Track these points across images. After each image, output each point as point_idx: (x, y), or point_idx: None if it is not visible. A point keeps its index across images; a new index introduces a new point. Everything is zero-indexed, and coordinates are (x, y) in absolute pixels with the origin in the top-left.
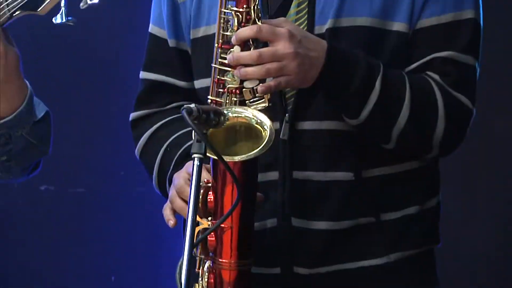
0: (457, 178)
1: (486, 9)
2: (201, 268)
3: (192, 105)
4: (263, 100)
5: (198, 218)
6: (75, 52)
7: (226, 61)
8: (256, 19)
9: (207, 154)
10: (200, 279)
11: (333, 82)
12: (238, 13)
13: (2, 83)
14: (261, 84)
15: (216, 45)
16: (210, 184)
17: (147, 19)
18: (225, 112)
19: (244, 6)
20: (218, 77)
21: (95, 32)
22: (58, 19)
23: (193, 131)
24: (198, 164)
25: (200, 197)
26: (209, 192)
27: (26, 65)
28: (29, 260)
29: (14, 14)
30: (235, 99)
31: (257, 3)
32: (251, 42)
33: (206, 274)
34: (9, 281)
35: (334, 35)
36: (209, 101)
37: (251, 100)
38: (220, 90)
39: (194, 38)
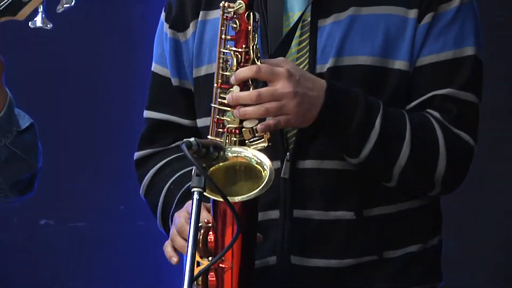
0: (459, 216)
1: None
2: None
3: (192, 139)
4: (262, 140)
5: (198, 258)
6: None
7: (225, 101)
8: (255, 59)
9: (207, 195)
10: None
11: (333, 121)
12: (237, 53)
13: None
14: (260, 123)
15: (215, 85)
16: (210, 224)
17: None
18: (225, 147)
19: (243, 46)
20: (217, 116)
21: (95, 67)
22: (35, 24)
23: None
24: (197, 198)
25: (201, 237)
26: (210, 232)
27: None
28: None
29: None
30: (234, 139)
31: (255, 42)
32: (250, 82)
33: None
34: None
35: (335, 74)
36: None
37: (251, 140)
38: (219, 129)
39: (197, 76)
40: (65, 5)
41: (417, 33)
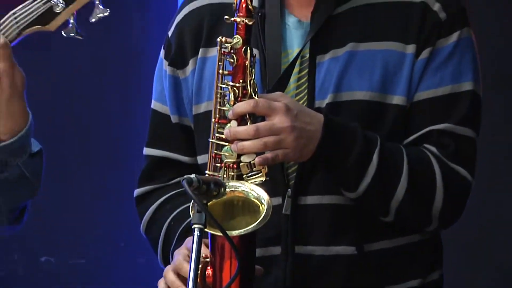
0: (460, 250)
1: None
2: None
3: (193, 176)
4: (260, 174)
5: None
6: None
7: (223, 136)
8: (253, 93)
9: (205, 229)
10: None
11: (331, 155)
12: (234, 88)
13: (7, 102)
14: (258, 156)
15: (213, 119)
16: (208, 259)
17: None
18: (226, 184)
19: (240, 80)
20: (215, 151)
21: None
22: (68, 33)
23: (193, 201)
24: (198, 234)
25: (199, 272)
26: (208, 267)
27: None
28: None
29: (23, 32)
30: (232, 173)
31: (253, 77)
32: (247, 117)
33: None
34: None
35: (334, 110)
36: (206, 175)
37: (249, 175)
38: (217, 164)
39: (196, 113)
40: (98, 15)
41: (415, 68)
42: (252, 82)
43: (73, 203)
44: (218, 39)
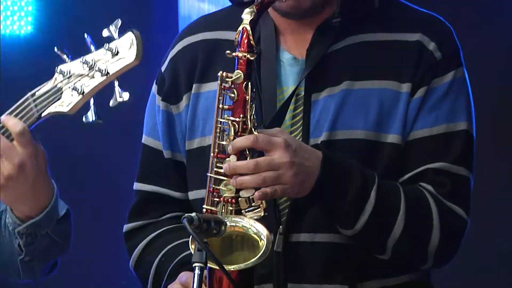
0: None
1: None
2: None
3: (193, 214)
4: (259, 209)
5: None
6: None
7: (221, 171)
8: (253, 129)
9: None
10: None
11: (329, 192)
12: (234, 123)
13: (33, 184)
14: (257, 191)
15: (212, 154)
16: None
17: None
18: (226, 222)
19: (241, 115)
20: (213, 186)
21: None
22: (88, 118)
23: (192, 239)
24: (199, 273)
25: None
26: None
27: None
28: None
29: (42, 115)
30: (231, 208)
31: (253, 112)
32: (247, 152)
33: None
34: None
35: (329, 148)
36: (204, 210)
37: (247, 210)
38: (215, 199)
39: (190, 149)
40: (118, 100)
41: (410, 107)
42: (252, 117)
43: (74, 241)
44: (219, 74)
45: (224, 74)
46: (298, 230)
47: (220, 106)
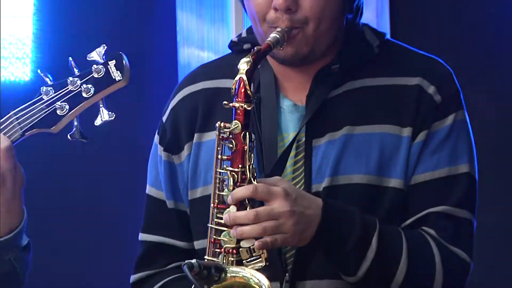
0: None
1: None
2: None
3: (194, 261)
4: (260, 259)
5: None
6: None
7: (222, 221)
8: (252, 179)
9: None
10: None
11: (330, 240)
12: (233, 173)
13: (9, 201)
14: (258, 240)
15: (212, 205)
16: None
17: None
18: (226, 269)
19: (239, 166)
20: (214, 237)
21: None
22: (73, 137)
23: (194, 286)
24: None
25: None
26: None
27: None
28: None
29: (26, 133)
30: (232, 258)
31: (252, 162)
32: (246, 201)
33: None
34: None
35: (331, 193)
36: (206, 261)
37: (248, 260)
38: (217, 250)
39: (192, 198)
40: (103, 119)
41: (411, 151)
42: (251, 167)
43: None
44: (217, 124)
45: (222, 124)
46: (304, 278)
47: (219, 156)
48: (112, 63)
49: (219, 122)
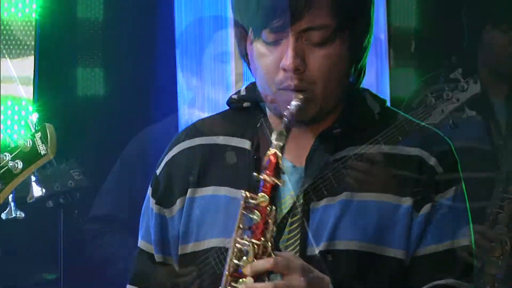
0: None
1: None
2: None
3: None
4: None
5: None
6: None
7: None
8: (271, 252)
9: None
10: None
11: None
12: (255, 245)
13: None
14: None
15: (225, 272)
16: None
17: None
18: None
19: (262, 238)
20: None
21: None
22: (8, 215)
23: None
24: None
25: None
26: None
27: None
28: None
29: None
30: None
31: (273, 234)
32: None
33: None
34: None
35: (327, 258)
36: None
37: None
38: None
39: (182, 254)
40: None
41: (415, 223)
42: (273, 241)
43: None
44: (243, 194)
45: (248, 194)
46: None
47: (241, 226)
48: (38, 136)
49: (245, 192)
